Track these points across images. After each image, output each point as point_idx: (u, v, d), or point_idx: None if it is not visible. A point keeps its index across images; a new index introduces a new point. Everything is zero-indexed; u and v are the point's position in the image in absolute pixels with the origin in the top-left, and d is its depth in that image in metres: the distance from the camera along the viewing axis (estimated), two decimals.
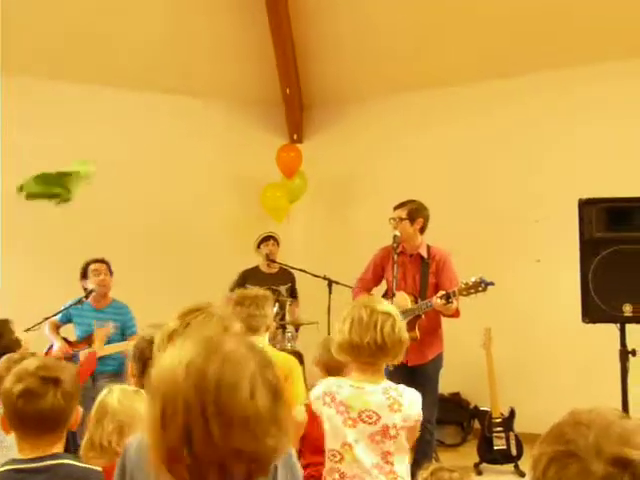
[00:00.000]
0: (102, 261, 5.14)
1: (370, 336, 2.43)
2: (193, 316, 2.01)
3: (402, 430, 2.45)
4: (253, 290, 3.84)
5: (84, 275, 5.16)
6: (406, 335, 2.52)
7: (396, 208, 4.68)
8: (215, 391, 1.08)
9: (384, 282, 4.80)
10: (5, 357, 2.94)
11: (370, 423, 2.44)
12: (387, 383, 2.54)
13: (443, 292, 4.25)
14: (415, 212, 4.62)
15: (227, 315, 2.13)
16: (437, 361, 4.64)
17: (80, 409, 2.09)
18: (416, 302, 4.48)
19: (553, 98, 5.98)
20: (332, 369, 3.07)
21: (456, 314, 4.43)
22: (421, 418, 2.52)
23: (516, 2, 5.79)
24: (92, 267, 5.11)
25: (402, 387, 2.54)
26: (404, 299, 4.46)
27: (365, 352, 2.46)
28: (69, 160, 5.90)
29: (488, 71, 6.15)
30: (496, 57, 6.08)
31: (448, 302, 4.22)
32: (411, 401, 2.50)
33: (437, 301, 4.24)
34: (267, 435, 1.10)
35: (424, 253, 4.63)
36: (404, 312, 4.40)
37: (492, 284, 4.16)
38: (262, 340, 3.33)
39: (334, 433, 2.49)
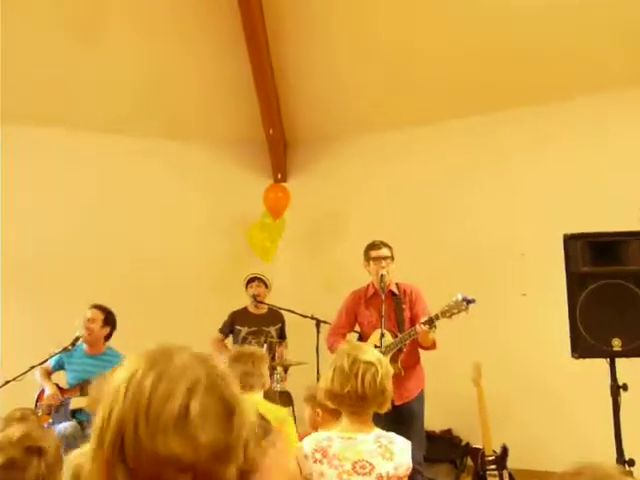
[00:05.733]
0: (97, 307, 5.03)
1: (350, 386, 2.41)
2: None
3: (394, 479, 2.41)
4: (250, 348, 3.85)
5: None
6: (390, 384, 2.48)
7: (380, 248, 4.67)
8: (147, 402, 1.05)
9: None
10: (6, 415, 2.89)
11: (364, 474, 2.39)
12: (378, 431, 2.50)
13: (426, 317, 4.25)
14: (392, 252, 4.69)
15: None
16: (421, 397, 4.62)
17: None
18: (396, 337, 4.46)
19: (532, 131, 6.04)
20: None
21: (433, 346, 4.47)
22: (411, 468, 2.49)
23: (475, 41, 5.85)
24: (85, 313, 5.01)
25: (393, 435, 2.51)
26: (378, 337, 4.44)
27: (346, 401, 2.44)
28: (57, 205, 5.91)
29: (465, 108, 6.22)
30: (468, 95, 6.16)
31: (431, 327, 4.22)
32: (402, 449, 2.47)
33: (421, 327, 4.24)
34: (202, 434, 1.04)
35: (395, 290, 4.68)
36: (388, 346, 4.40)
37: (473, 301, 4.11)
38: (258, 397, 3.32)
39: None
